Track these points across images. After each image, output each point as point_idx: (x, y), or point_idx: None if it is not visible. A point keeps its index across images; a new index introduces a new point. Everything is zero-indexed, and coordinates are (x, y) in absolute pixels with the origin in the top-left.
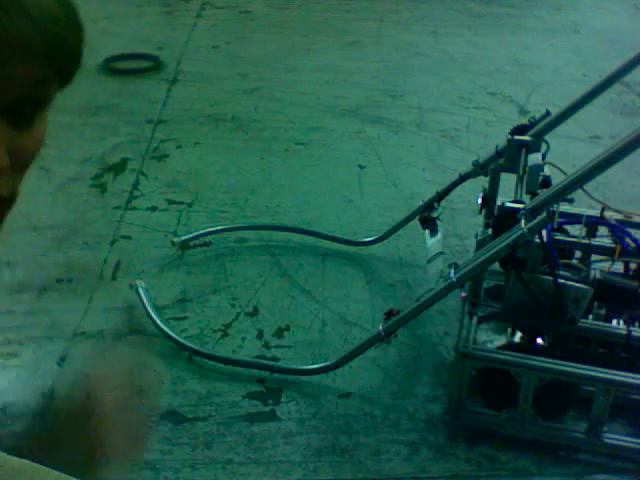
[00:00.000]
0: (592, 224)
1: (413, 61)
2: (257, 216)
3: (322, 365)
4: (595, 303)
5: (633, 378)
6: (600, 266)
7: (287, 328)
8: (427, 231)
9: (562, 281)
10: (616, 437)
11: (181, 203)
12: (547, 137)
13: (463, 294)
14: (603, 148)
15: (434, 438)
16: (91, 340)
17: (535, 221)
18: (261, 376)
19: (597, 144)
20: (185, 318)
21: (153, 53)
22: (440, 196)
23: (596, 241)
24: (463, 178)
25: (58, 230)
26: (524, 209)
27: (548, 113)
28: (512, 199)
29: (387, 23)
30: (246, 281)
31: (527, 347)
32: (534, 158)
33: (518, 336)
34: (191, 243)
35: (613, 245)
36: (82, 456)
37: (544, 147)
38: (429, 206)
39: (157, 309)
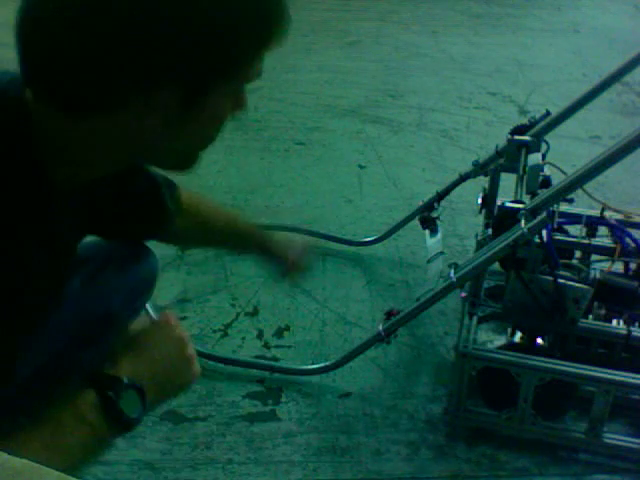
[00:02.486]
0: (592, 224)
1: (413, 61)
2: (257, 216)
3: (322, 365)
4: (595, 303)
5: (633, 378)
6: (600, 266)
7: (287, 328)
8: (427, 231)
9: (562, 281)
10: (616, 437)
11: None
12: (547, 137)
13: (463, 294)
14: (603, 148)
15: (434, 438)
16: None
17: (535, 221)
18: (261, 376)
19: (597, 144)
20: (185, 318)
21: None
22: (440, 196)
23: (596, 241)
24: (463, 178)
25: None
26: (524, 209)
27: (548, 113)
28: (512, 199)
29: (387, 23)
30: (246, 281)
31: (527, 347)
32: (534, 158)
33: (518, 336)
34: None
35: (613, 245)
36: None
37: (544, 147)
38: (429, 206)
39: (157, 309)
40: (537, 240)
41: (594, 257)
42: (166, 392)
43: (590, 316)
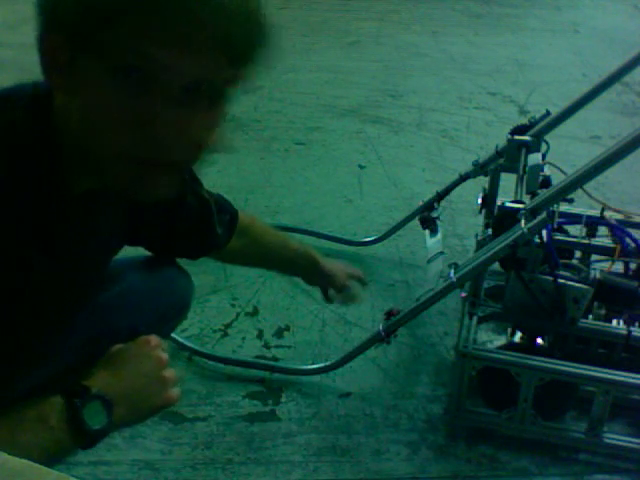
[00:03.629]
0: (592, 224)
1: (413, 61)
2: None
3: (322, 365)
4: (595, 303)
5: (633, 378)
6: (600, 266)
7: (287, 328)
8: (427, 231)
9: (562, 281)
10: (616, 437)
11: None
12: (547, 137)
13: (463, 294)
14: (603, 148)
15: (434, 438)
16: None
17: (535, 221)
18: (261, 376)
19: (597, 144)
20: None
21: None
22: (440, 196)
23: (596, 241)
24: (463, 178)
25: None
26: (524, 209)
27: (548, 113)
28: (512, 199)
29: (387, 23)
30: (246, 281)
31: (527, 347)
32: (534, 158)
33: (518, 336)
34: None
35: (613, 245)
36: None
37: (544, 147)
38: (429, 206)
39: None
40: (537, 240)
41: (594, 257)
42: (137, 411)
43: (590, 316)
